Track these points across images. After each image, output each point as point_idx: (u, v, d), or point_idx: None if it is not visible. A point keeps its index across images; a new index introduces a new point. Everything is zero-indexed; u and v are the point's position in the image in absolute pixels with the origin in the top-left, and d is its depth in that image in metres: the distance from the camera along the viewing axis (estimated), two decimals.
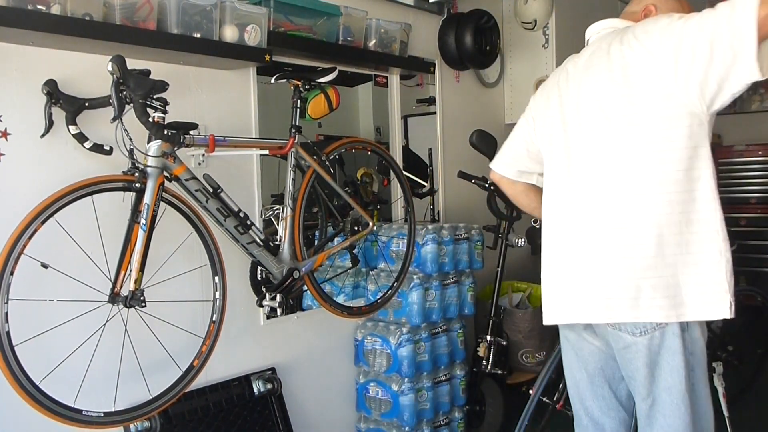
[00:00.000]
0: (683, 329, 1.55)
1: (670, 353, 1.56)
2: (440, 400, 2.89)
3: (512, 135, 1.95)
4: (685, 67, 1.45)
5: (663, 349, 1.56)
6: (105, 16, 1.86)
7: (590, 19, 1.92)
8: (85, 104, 1.88)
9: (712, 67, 1.42)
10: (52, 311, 1.84)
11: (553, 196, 1.75)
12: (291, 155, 2.25)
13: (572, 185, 1.68)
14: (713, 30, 1.41)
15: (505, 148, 1.97)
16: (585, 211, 1.64)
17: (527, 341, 3.23)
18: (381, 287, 2.74)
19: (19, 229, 1.64)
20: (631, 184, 1.55)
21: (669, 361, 1.56)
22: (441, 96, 3.41)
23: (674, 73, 1.47)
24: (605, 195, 1.59)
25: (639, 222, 1.53)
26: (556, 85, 1.79)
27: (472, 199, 3.35)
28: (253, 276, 2.41)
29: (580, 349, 1.78)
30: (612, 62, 1.59)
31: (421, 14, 3.25)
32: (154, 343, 2.00)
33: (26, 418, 1.72)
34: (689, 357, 1.57)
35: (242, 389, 2.37)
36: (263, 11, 2.23)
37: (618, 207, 1.57)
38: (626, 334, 1.59)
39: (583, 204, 1.64)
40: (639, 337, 1.57)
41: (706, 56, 1.42)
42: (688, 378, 1.57)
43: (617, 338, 1.63)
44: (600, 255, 1.60)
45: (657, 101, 1.50)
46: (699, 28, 1.44)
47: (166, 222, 1.92)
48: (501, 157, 1.98)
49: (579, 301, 1.65)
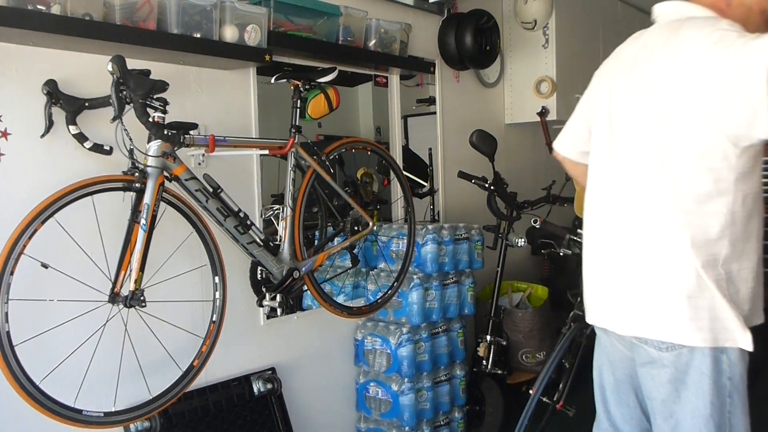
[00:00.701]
0: (720, 350, 1.44)
1: (699, 374, 1.45)
2: (440, 400, 2.89)
3: (575, 111, 1.80)
4: (715, 118, 1.37)
5: (691, 369, 1.46)
6: (105, 16, 1.86)
7: (590, 19, 1.90)
8: (85, 104, 1.88)
9: (736, 121, 1.35)
10: (52, 311, 1.84)
11: (596, 191, 1.66)
12: (291, 155, 2.25)
13: (616, 184, 1.58)
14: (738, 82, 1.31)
15: (568, 126, 1.84)
16: (625, 216, 1.55)
17: (527, 341, 3.23)
18: (381, 287, 2.73)
19: (19, 229, 1.64)
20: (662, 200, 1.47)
21: (696, 381, 1.45)
22: (441, 96, 3.41)
23: (705, 118, 1.38)
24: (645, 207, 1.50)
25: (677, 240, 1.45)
26: (610, 69, 1.66)
27: (472, 199, 3.35)
28: (253, 276, 2.41)
29: (612, 354, 1.70)
30: (649, 77, 1.48)
31: (421, 14, 3.25)
32: (154, 343, 2.00)
33: (26, 418, 1.72)
34: (725, 381, 1.45)
35: (242, 389, 2.37)
36: (263, 11, 2.23)
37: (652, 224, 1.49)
38: (652, 348, 1.50)
39: (623, 209, 1.56)
40: (665, 352, 1.48)
41: (735, 111, 1.33)
42: (717, 404, 1.45)
43: (641, 353, 1.55)
44: (635, 265, 1.52)
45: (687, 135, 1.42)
46: (728, 75, 1.33)
47: (166, 222, 1.92)
48: (563, 136, 1.85)
49: (610, 309, 1.60)
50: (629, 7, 4.64)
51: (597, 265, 1.65)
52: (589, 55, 4.06)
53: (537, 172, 3.99)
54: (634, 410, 1.70)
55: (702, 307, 1.42)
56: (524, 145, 4.04)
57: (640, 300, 1.52)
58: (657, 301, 1.48)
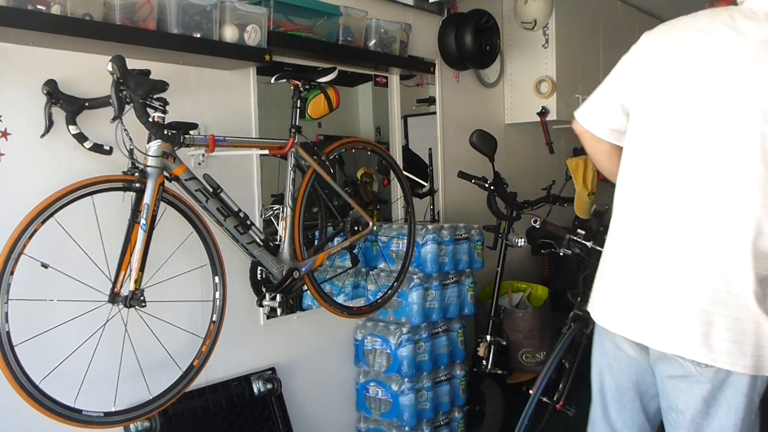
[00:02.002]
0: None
1: (733, 391, 1.40)
2: (440, 400, 2.89)
3: (608, 81, 1.61)
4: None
5: (727, 386, 1.40)
6: (105, 16, 1.86)
7: (590, 19, 1.86)
8: (85, 104, 1.88)
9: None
10: (52, 311, 1.84)
11: (647, 179, 1.48)
12: (291, 155, 2.25)
13: (682, 177, 1.42)
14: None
15: (597, 97, 1.64)
16: (687, 216, 1.41)
17: (527, 341, 3.23)
18: (381, 287, 2.73)
19: (19, 229, 1.64)
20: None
21: (730, 399, 1.41)
22: (441, 96, 3.41)
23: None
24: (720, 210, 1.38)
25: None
26: (700, 47, 1.44)
27: (472, 199, 3.35)
28: (253, 276, 2.41)
29: (617, 360, 1.61)
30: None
31: (421, 14, 3.25)
32: (154, 343, 2.00)
33: (26, 418, 1.71)
34: (756, 398, 1.41)
35: (242, 389, 2.37)
36: (263, 11, 2.23)
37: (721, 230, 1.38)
38: (689, 363, 1.42)
39: (687, 209, 1.41)
40: (703, 368, 1.40)
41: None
42: (747, 422, 1.42)
43: (674, 366, 1.45)
44: (686, 276, 1.40)
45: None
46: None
47: (166, 222, 1.92)
48: (590, 107, 1.65)
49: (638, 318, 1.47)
50: (629, 7, 4.64)
51: (630, 267, 1.51)
52: (589, 55, 4.06)
53: (537, 172, 4.00)
54: (637, 416, 1.65)
55: (748, 332, 1.36)
56: (524, 145, 4.03)
57: (685, 316, 1.40)
58: (703, 319, 1.38)
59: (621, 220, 1.56)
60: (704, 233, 1.40)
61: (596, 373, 1.70)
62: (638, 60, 1.56)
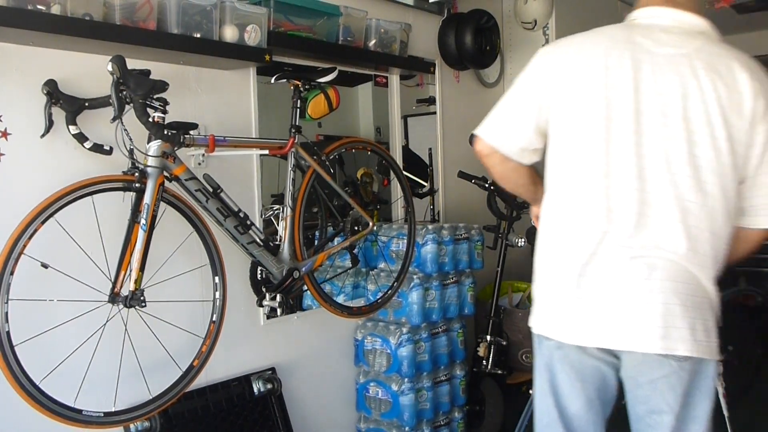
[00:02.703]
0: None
1: (708, 378, 1.50)
2: (440, 400, 2.89)
3: (516, 99, 1.57)
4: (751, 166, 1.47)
5: (700, 375, 1.48)
6: (105, 16, 1.86)
7: (590, 19, 1.88)
8: (85, 104, 1.88)
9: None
10: (52, 311, 1.84)
11: (598, 191, 1.46)
12: (291, 155, 2.25)
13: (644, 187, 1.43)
14: None
15: (506, 116, 1.56)
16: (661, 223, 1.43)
17: (527, 341, 3.23)
18: (381, 287, 2.74)
19: (19, 229, 1.64)
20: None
21: (703, 386, 1.49)
22: (441, 96, 3.41)
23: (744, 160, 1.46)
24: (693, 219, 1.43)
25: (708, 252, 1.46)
26: (627, 60, 1.47)
27: (472, 199, 3.35)
28: (253, 276, 2.41)
29: (582, 371, 1.56)
30: (708, 102, 1.43)
31: (421, 14, 3.25)
32: (154, 343, 2.00)
33: (26, 418, 1.71)
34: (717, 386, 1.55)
35: (242, 389, 2.36)
36: (263, 11, 2.23)
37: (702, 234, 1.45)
38: (672, 360, 1.44)
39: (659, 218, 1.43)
40: (684, 362, 1.44)
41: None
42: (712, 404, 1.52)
43: (663, 366, 1.46)
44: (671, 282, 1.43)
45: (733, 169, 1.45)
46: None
47: (166, 222, 1.92)
48: (498, 126, 1.56)
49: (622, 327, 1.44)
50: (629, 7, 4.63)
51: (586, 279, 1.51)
52: None
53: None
54: (601, 428, 1.60)
55: (709, 319, 1.47)
56: None
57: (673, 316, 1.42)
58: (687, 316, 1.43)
59: (559, 233, 1.59)
60: (649, 231, 1.43)
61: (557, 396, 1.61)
62: (550, 76, 1.56)
